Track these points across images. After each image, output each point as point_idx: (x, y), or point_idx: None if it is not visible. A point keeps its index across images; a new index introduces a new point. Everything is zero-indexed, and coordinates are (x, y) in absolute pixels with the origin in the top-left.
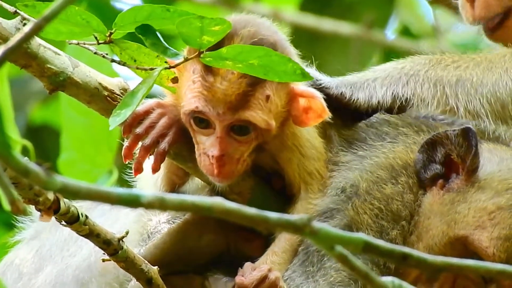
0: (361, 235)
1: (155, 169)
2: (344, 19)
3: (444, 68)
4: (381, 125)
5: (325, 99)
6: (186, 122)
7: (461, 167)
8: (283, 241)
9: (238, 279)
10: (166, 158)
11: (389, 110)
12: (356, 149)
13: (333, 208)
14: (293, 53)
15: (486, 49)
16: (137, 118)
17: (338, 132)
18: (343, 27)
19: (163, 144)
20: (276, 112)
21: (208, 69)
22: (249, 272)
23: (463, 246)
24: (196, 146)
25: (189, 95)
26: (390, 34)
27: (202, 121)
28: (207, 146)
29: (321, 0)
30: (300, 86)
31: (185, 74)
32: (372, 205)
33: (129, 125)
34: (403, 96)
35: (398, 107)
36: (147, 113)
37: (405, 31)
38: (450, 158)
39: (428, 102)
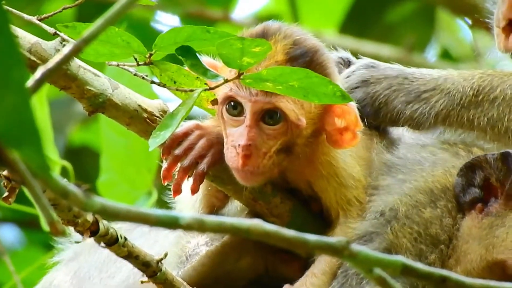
0: (399, 258)
1: (194, 190)
2: (385, 42)
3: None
4: (419, 149)
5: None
6: (219, 115)
7: (500, 191)
8: (322, 263)
9: None
10: (205, 180)
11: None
12: (395, 173)
13: (372, 231)
14: (332, 58)
15: None
16: (176, 140)
17: (378, 156)
18: (384, 50)
19: (202, 165)
20: (309, 113)
21: None
22: None
23: (501, 271)
24: (225, 140)
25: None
26: (430, 57)
27: (235, 107)
28: (235, 137)
29: (362, 22)
30: None
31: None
32: (411, 229)
33: (168, 147)
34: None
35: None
36: (186, 134)
37: (445, 54)
38: (489, 182)
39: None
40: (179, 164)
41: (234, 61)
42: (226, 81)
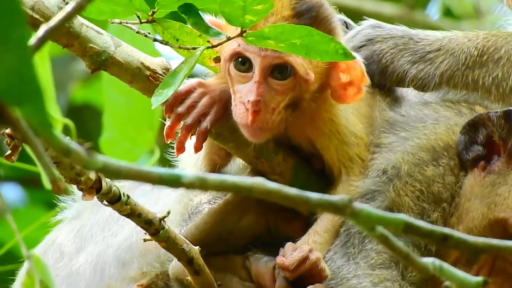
0: (402, 216)
1: (197, 148)
2: (386, 0)
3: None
4: (422, 107)
5: (372, 74)
6: (225, 72)
7: (503, 149)
8: (325, 221)
9: (279, 259)
10: (208, 138)
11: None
12: (398, 131)
13: (374, 190)
14: (335, 14)
15: None
16: (179, 98)
17: (380, 114)
18: (385, 8)
19: (205, 123)
20: (316, 68)
21: None
22: (290, 253)
23: (503, 229)
24: (233, 97)
25: (232, 33)
26: (432, 15)
27: (243, 63)
28: (244, 93)
29: None
30: None
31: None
32: (413, 187)
33: (171, 105)
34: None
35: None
36: (188, 92)
37: (447, 12)
38: (491, 139)
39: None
40: (182, 122)
41: (236, 19)
42: (229, 38)
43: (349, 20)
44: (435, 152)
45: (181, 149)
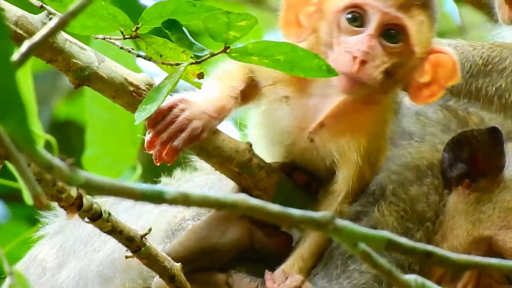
0: (384, 233)
1: (168, 162)
2: None
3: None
4: (411, 120)
5: None
6: (331, 24)
7: (487, 166)
8: (311, 244)
9: (269, 284)
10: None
11: None
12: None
13: (359, 211)
14: None
15: None
16: (161, 114)
17: None
18: None
19: (177, 141)
20: (420, 46)
21: None
22: (282, 280)
23: (487, 247)
24: (335, 47)
25: None
26: None
27: (355, 19)
28: (352, 44)
29: None
30: (445, 49)
31: None
32: (398, 207)
33: (153, 120)
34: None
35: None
36: (170, 108)
37: None
38: (476, 157)
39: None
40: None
41: (220, 35)
42: (213, 54)
43: None
44: (419, 171)
45: (158, 160)
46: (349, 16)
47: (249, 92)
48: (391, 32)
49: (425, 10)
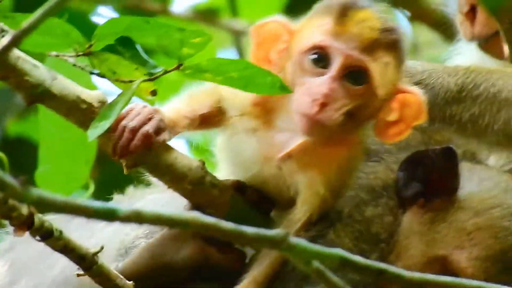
0: (337, 250)
1: (127, 168)
2: None
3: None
4: (372, 141)
5: None
6: (296, 64)
7: (441, 186)
8: (266, 267)
9: None
10: None
11: None
12: None
13: (315, 235)
14: None
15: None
16: (119, 119)
17: None
18: None
19: (147, 126)
20: (384, 88)
21: (343, 14)
22: None
23: (442, 267)
24: (298, 87)
25: (315, 32)
26: None
27: (320, 59)
28: (313, 85)
29: (300, 14)
30: (411, 88)
31: (308, 25)
32: (353, 228)
33: (117, 123)
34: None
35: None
36: (130, 110)
37: None
38: (430, 176)
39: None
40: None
41: (173, 52)
42: (165, 72)
43: None
44: (374, 192)
45: (124, 154)
46: (313, 57)
47: (215, 118)
48: (354, 74)
49: (390, 52)
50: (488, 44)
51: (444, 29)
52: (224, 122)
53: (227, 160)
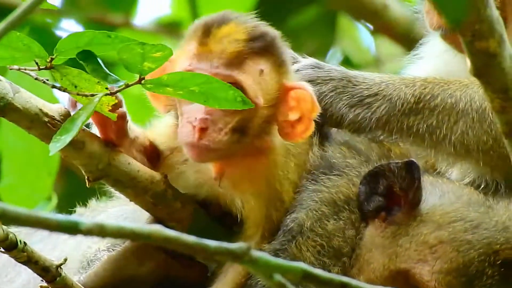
0: (300, 264)
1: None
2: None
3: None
4: (335, 151)
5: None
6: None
7: (403, 199)
8: (227, 281)
9: None
10: None
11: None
12: (310, 182)
13: (278, 248)
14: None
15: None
16: None
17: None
18: None
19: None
20: (266, 94)
21: (205, 34)
22: None
23: (404, 280)
24: (179, 119)
25: (183, 58)
26: (331, 63)
27: None
28: (191, 112)
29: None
30: (297, 84)
31: (180, 52)
32: (314, 242)
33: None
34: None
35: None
36: None
37: (346, 61)
38: (392, 190)
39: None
40: None
41: (135, 66)
42: (127, 85)
43: (295, 54)
44: (336, 206)
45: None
46: None
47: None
48: None
49: (263, 58)
50: (451, 35)
51: (407, 42)
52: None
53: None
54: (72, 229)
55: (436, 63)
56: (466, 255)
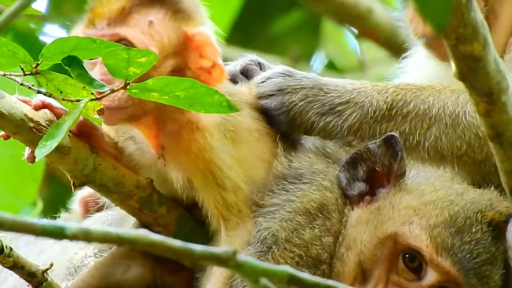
0: (286, 268)
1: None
2: (270, 52)
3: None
4: (299, 163)
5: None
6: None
7: (387, 176)
8: (217, 285)
9: None
10: None
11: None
12: (280, 190)
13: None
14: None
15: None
16: None
17: (276, 165)
18: (269, 60)
19: None
20: (162, 44)
21: (94, 2)
22: None
23: (393, 244)
24: None
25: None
26: (316, 68)
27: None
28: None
29: (247, 32)
30: (197, 29)
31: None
32: (292, 253)
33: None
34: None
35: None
36: None
37: (331, 65)
38: (374, 171)
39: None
40: None
41: (120, 71)
42: (113, 91)
43: (263, 61)
44: (310, 215)
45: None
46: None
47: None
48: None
49: (151, 9)
50: (434, 42)
51: (392, 46)
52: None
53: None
54: (58, 234)
55: (419, 78)
56: (451, 210)
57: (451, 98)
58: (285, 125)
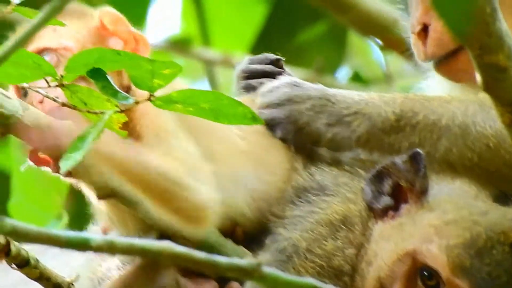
0: (310, 280)
1: None
2: (295, 64)
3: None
4: (327, 171)
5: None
6: None
7: (410, 192)
8: None
9: None
10: None
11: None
12: (301, 202)
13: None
14: None
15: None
16: None
17: (294, 176)
18: (294, 72)
19: None
20: (77, 40)
21: None
22: None
23: (412, 261)
24: None
25: None
26: (341, 79)
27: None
28: None
29: (272, 44)
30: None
31: None
32: (313, 263)
33: None
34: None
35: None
36: None
37: (356, 77)
38: (399, 187)
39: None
40: None
41: (144, 83)
42: (137, 102)
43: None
44: (332, 226)
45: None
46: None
47: None
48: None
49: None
50: (442, 65)
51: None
52: None
53: None
54: (83, 245)
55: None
56: (472, 231)
57: (460, 108)
58: (293, 134)
